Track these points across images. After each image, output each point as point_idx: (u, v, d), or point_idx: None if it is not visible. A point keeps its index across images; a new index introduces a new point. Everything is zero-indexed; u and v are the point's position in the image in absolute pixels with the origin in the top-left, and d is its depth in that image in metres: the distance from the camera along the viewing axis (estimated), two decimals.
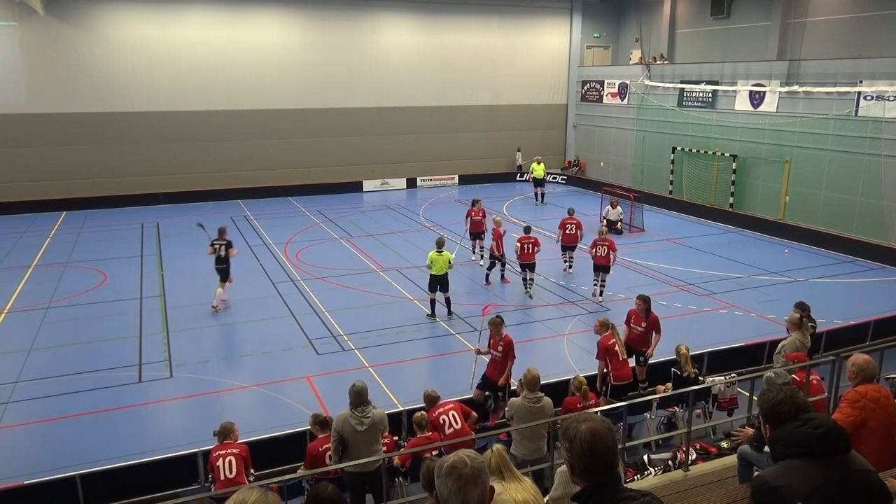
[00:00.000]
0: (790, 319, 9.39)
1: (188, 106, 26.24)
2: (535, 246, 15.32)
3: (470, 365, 10.39)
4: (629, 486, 3.06)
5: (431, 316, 14.05)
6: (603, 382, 9.45)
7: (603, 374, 9.45)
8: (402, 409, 9.26)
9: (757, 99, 22.43)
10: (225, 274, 14.48)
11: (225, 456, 6.99)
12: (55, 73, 24.41)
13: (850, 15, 21.46)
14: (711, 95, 24.17)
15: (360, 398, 6.64)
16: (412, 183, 30.48)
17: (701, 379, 9.26)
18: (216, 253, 14.33)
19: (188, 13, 25.64)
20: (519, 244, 15.25)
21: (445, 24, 29.67)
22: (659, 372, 10.10)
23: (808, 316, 10.38)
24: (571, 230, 16.89)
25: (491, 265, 16.55)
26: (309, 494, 4.76)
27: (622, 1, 31.53)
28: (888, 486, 3.14)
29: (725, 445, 8.28)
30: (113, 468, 8.07)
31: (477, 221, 17.90)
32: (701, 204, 24.48)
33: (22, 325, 13.89)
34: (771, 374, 6.75)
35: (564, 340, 12.98)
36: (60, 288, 16.12)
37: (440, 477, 2.42)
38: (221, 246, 14.34)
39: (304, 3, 27.16)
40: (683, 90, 25.28)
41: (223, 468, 6.95)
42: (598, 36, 32.40)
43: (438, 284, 13.91)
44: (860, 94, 19.05)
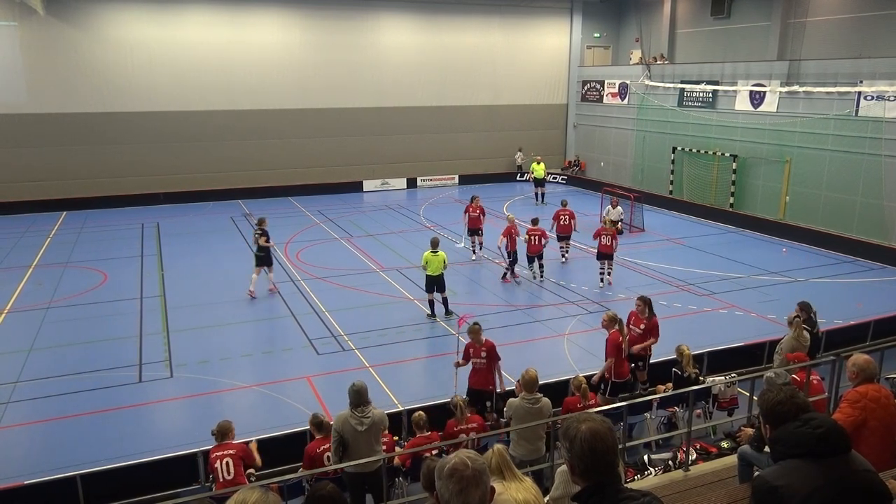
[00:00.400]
0: (788, 318, 9.47)
1: (188, 106, 26.24)
2: (542, 237, 16.04)
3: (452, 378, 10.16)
4: (629, 486, 3.06)
5: (431, 316, 14.05)
6: (602, 380, 9.41)
7: (606, 370, 9.41)
8: (402, 409, 9.25)
9: (757, 99, 22.43)
10: (261, 261, 15.44)
11: (222, 458, 6.98)
12: (55, 73, 24.42)
13: (850, 15, 21.46)
14: (712, 95, 24.17)
15: (359, 398, 6.62)
16: (412, 183, 30.49)
17: (701, 379, 9.26)
18: (256, 242, 15.54)
19: (188, 13, 25.65)
20: (527, 235, 15.98)
21: (445, 24, 29.67)
22: (659, 372, 10.09)
23: (808, 317, 10.38)
24: (566, 221, 17.76)
25: (512, 263, 16.55)
26: (308, 493, 4.77)
27: (622, 1, 31.53)
28: (889, 486, 3.14)
29: (726, 445, 8.28)
30: (113, 468, 8.06)
31: (474, 218, 18.17)
32: (701, 204, 24.47)
33: (22, 325, 13.89)
34: (771, 374, 6.75)
35: (564, 340, 12.98)
36: (61, 288, 16.12)
37: (441, 478, 2.42)
38: (258, 235, 15.44)
39: (304, 3, 27.16)
40: (684, 90, 25.28)
41: (221, 470, 6.95)
42: (598, 36, 32.40)
43: (435, 285, 13.90)
44: (860, 94, 19.05)
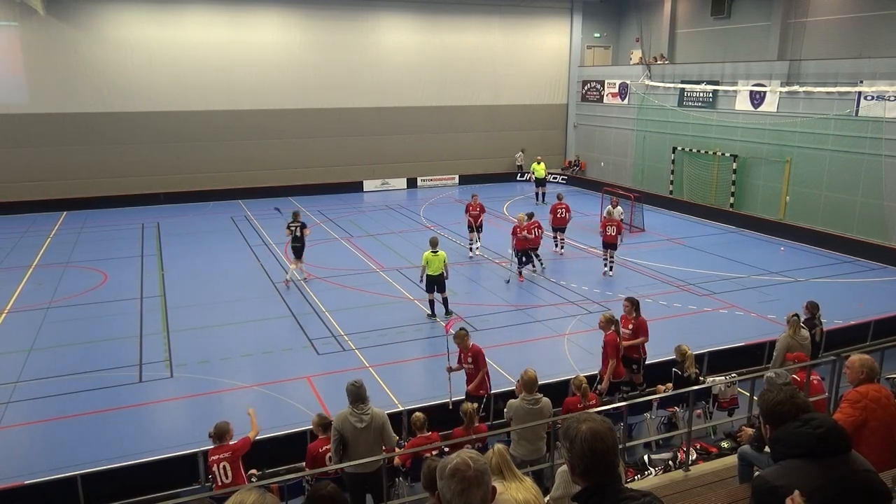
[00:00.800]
0: (787, 317, 9.52)
1: (188, 106, 26.25)
2: (540, 229, 16.72)
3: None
4: (630, 486, 3.06)
5: (431, 316, 14.04)
6: (600, 381, 9.43)
7: (611, 372, 9.42)
8: (402, 409, 9.25)
9: (757, 99, 22.43)
10: (299, 252, 16.13)
11: (219, 461, 6.97)
12: (56, 73, 24.42)
13: (850, 15, 21.45)
14: (712, 95, 24.17)
15: (358, 395, 6.64)
16: (412, 183, 30.49)
17: (701, 379, 9.25)
18: (293, 233, 16.04)
19: (188, 13, 25.65)
20: (527, 231, 16.29)
21: (445, 24, 29.67)
22: (659, 372, 10.08)
23: (810, 318, 10.37)
24: (562, 214, 18.59)
25: (523, 262, 16.71)
26: (309, 493, 4.77)
27: (622, 1, 31.52)
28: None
29: (726, 445, 8.28)
30: (113, 468, 8.07)
31: (474, 215, 18.52)
32: (701, 204, 24.47)
33: (22, 325, 13.89)
34: (771, 374, 6.76)
35: (564, 340, 12.98)
36: (61, 288, 16.12)
37: (443, 479, 2.42)
38: (297, 227, 15.99)
39: (304, 3, 27.16)
40: (684, 90, 25.28)
41: (219, 474, 6.94)
42: (598, 36, 32.40)
43: (435, 285, 13.90)
44: (861, 94, 19.04)
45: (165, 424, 10.15)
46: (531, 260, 16.97)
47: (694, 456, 7.68)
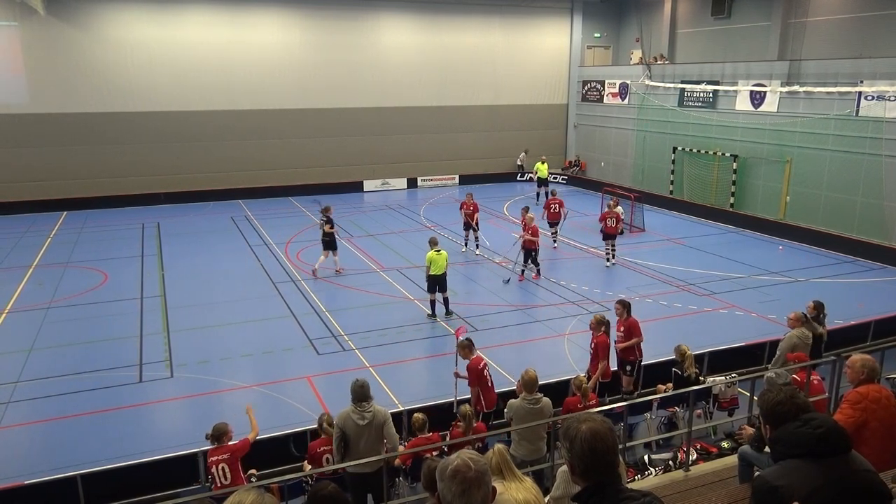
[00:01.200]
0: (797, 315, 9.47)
1: (189, 106, 26.24)
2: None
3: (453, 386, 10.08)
4: (630, 486, 3.06)
5: (432, 316, 14.05)
6: (596, 382, 9.44)
7: (600, 373, 9.43)
8: (402, 408, 9.24)
9: (758, 99, 22.42)
10: (328, 245, 16.87)
11: (218, 462, 6.96)
12: (56, 73, 24.42)
13: (850, 15, 21.45)
14: (712, 95, 24.16)
15: (361, 394, 6.66)
16: (413, 183, 30.49)
17: (702, 379, 9.25)
18: (321, 228, 16.95)
19: (188, 13, 25.65)
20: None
21: (446, 24, 29.66)
22: (659, 372, 10.08)
23: (816, 316, 10.35)
24: (555, 209, 19.17)
25: (527, 263, 16.74)
26: (309, 494, 4.77)
27: (623, 1, 31.52)
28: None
29: (726, 445, 8.28)
30: (113, 468, 8.06)
31: (468, 214, 18.66)
32: (701, 204, 24.47)
33: (22, 325, 13.89)
34: (771, 374, 6.76)
35: (565, 340, 12.97)
36: (61, 288, 16.12)
37: (444, 480, 2.43)
38: (323, 222, 16.83)
39: (304, 3, 27.15)
40: (684, 90, 25.27)
41: (218, 475, 6.94)
42: (598, 36, 32.39)
43: (437, 285, 13.90)
44: (861, 94, 19.04)
45: (165, 424, 10.14)
46: (534, 261, 16.89)
47: (694, 456, 7.68)
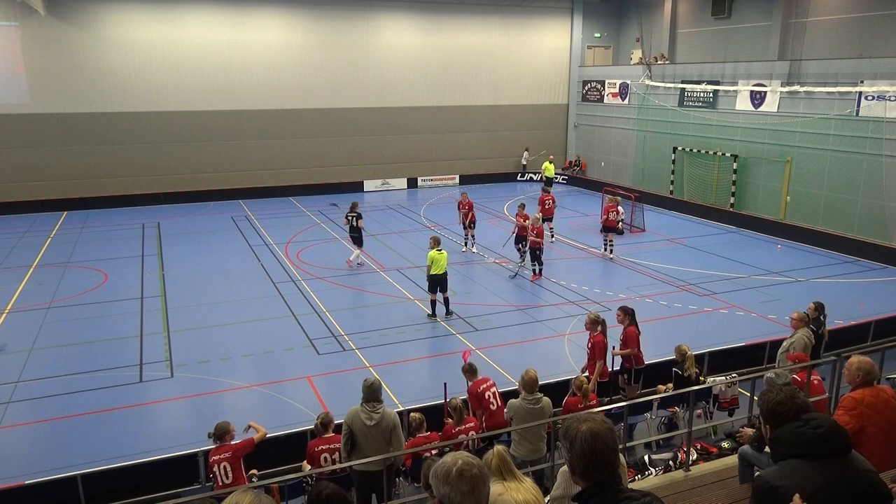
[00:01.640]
0: (799, 316, 9.47)
1: (189, 106, 26.25)
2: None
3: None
4: (630, 486, 3.06)
5: (432, 316, 14.05)
6: (596, 381, 9.43)
7: (598, 374, 9.41)
8: (402, 408, 9.24)
9: (758, 99, 22.42)
10: (358, 241, 17.41)
11: (220, 461, 6.96)
12: (56, 73, 24.42)
13: (851, 15, 21.44)
14: (712, 95, 24.16)
15: (372, 394, 6.67)
16: (413, 183, 30.49)
17: (702, 379, 9.25)
18: (350, 223, 17.37)
19: (189, 13, 25.65)
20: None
21: (446, 24, 29.66)
22: (659, 372, 10.08)
23: (817, 317, 10.36)
24: (549, 205, 19.52)
25: (533, 262, 16.79)
26: (310, 494, 4.77)
27: (623, 1, 31.52)
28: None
29: (726, 446, 8.27)
30: (114, 468, 8.06)
31: (463, 213, 18.91)
32: (702, 204, 24.46)
33: (23, 325, 13.89)
34: (772, 374, 6.74)
35: (565, 340, 12.97)
36: (61, 288, 16.12)
37: (448, 483, 2.42)
38: (353, 217, 17.18)
39: (305, 3, 27.16)
40: (684, 90, 25.27)
41: (220, 474, 6.94)
42: (598, 36, 32.39)
43: (438, 284, 13.91)
44: (861, 94, 19.03)
45: (166, 424, 10.14)
46: (538, 261, 16.88)
47: (694, 456, 7.67)
